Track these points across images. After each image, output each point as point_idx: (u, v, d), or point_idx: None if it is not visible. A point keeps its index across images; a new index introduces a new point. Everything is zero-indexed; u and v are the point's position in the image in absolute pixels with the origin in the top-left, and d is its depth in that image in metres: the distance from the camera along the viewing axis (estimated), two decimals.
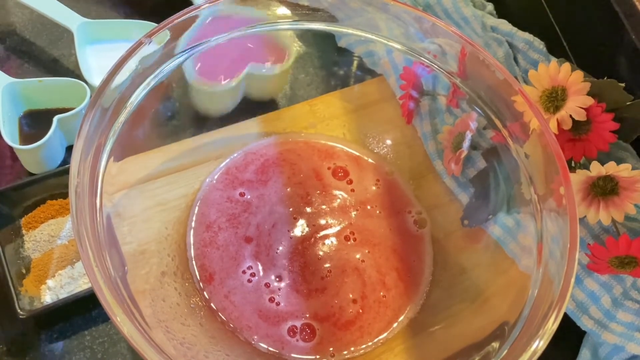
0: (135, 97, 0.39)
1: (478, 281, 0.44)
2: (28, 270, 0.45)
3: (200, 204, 0.47)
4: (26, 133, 0.51)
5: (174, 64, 0.41)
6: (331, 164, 0.50)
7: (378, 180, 0.50)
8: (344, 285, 0.45)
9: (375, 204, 0.49)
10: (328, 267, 0.45)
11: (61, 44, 0.58)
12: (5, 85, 0.49)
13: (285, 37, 0.50)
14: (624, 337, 0.43)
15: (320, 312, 0.44)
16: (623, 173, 0.42)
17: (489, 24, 0.56)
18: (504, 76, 0.40)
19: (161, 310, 0.39)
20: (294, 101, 0.55)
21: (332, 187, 0.49)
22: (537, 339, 0.32)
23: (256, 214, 0.47)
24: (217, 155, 0.49)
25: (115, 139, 0.37)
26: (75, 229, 0.32)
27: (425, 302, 0.45)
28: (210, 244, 0.45)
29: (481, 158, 0.47)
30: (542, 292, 0.34)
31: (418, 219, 0.49)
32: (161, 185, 0.46)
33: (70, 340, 0.44)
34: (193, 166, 0.48)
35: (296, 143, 0.51)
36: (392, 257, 0.47)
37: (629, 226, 0.46)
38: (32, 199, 0.47)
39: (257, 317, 0.43)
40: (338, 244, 0.47)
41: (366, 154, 0.51)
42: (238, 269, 0.45)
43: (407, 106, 0.51)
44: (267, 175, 0.49)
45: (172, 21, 0.39)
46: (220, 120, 0.51)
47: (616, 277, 0.45)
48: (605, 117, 0.43)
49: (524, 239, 0.40)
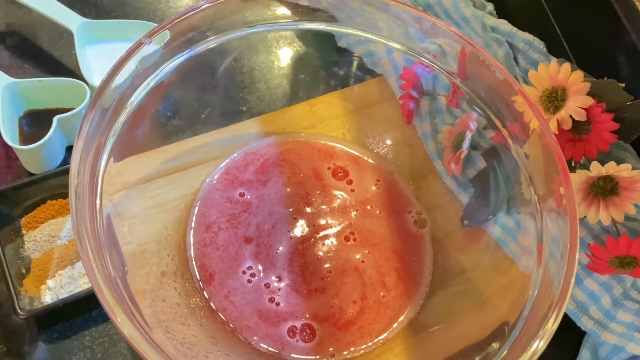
0: (135, 97, 0.39)
1: (478, 281, 0.44)
2: (28, 270, 0.45)
3: (200, 204, 0.47)
4: (26, 133, 0.51)
5: (174, 64, 0.41)
6: (331, 164, 0.50)
7: (378, 181, 0.50)
8: (344, 285, 0.45)
9: (375, 204, 0.49)
10: (328, 268, 0.45)
11: (61, 44, 0.58)
12: (5, 85, 0.49)
13: None
14: (624, 337, 0.43)
15: (320, 312, 0.44)
16: (623, 173, 0.42)
17: (489, 24, 0.56)
18: (504, 76, 0.40)
19: (161, 311, 0.39)
20: (294, 101, 0.55)
21: (332, 187, 0.49)
22: (537, 339, 0.32)
23: (256, 214, 0.47)
24: (217, 155, 0.49)
25: (115, 139, 0.37)
26: (75, 229, 0.32)
27: (425, 302, 0.45)
28: (210, 244, 0.45)
29: (481, 158, 0.47)
30: (542, 292, 0.34)
31: (418, 219, 0.49)
32: (161, 185, 0.46)
33: (70, 340, 0.44)
34: (193, 166, 0.48)
35: (296, 143, 0.51)
36: (392, 258, 0.47)
37: (629, 226, 0.46)
38: (32, 199, 0.47)
39: (257, 317, 0.43)
40: (338, 244, 0.47)
41: (366, 154, 0.51)
42: (238, 269, 0.45)
43: (407, 106, 0.51)
44: (267, 176, 0.49)
45: (172, 21, 0.39)
46: (221, 120, 0.51)
47: (616, 277, 0.45)
48: (605, 117, 0.43)
49: (524, 239, 0.40)
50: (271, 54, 0.59)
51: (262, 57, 0.59)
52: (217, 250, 0.45)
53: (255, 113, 0.54)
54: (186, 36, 0.41)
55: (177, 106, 0.49)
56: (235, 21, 0.42)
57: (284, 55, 0.59)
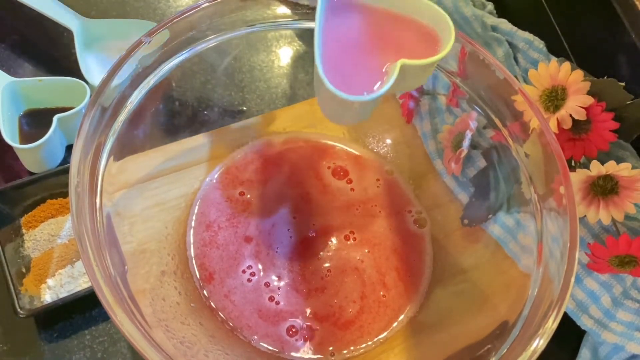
0: (135, 97, 0.39)
1: (478, 281, 0.44)
2: (28, 269, 0.45)
3: (200, 204, 0.47)
4: (26, 132, 0.51)
5: (174, 63, 0.41)
6: (331, 163, 0.50)
7: (378, 180, 0.50)
8: (343, 284, 0.45)
9: (375, 203, 0.49)
10: (328, 267, 0.45)
11: (61, 43, 0.58)
12: (5, 85, 0.49)
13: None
14: (623, 336, 0.43)
15: (320, 311, 0.44)
16: (623, 172, 0.42)
17: (489, 23, 0.56)
18: (504, 75, 0.40)
19: (161, 310, 0.39)
20: (294, 101, 0.55)
21: (331, 187, 0.49)
22: (537, 338, 0.32)
23: (256, 214, 0.47)
24: (217, 155, 0.49)
25: (115, 138, 0.37)
26: (75, 228, 0.32)
27: (425, 302, 0.45)
28: (210, 244, 0.45)
29: (481, 157, 0.47)
30: (542, 291, 0.34)
31: (418, 218, 0.49)
32: (161, 184, 0.46)
33: (70, 340, 0.44)
34: (193, 166, 0.48)
35: (296, 142, 0.51)
36: (392, 257, 0.47)
37: (629, 225, 0.46)
38: (32, 198, 0.47)
39: (256, 316, 0.43)
40: (338, 244, 0.47)
41: (366, 153, 0.51)
42: (238, 268, 0.45)
43: (407, 106, 0.51)
44: (266, 175, 0.49)
45: (172, 20, 0.39)
46: (221, 119, 0.51)
47: (616, 276, 0.45)
48: (605, 117, 0.43)
49: (524, 238, 0.40)
50: (271, 53, 0.59)
51: (262, 56, 0.59)
52: (217, 249, 0.45)
53: (255, 112, 0.54)
54: (186, 35, 0.41)
55: (177, 105, 0.49)
56: (235, 20, 0.42)
57: (284, 54, 0.59)
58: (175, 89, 0.47)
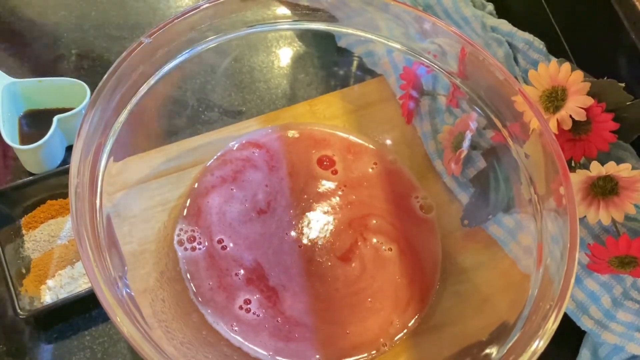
0: (135, 98, 0.39)
1: (478, 281, 0.44)
2: (28, 270, 0.45)
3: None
4: (26, 133, 0.51)
5: (174, 64, 0.41)
6: (328, 154, 0.50)
7: (375, 164, 0.50)
8: (347, 282, 0.45)
9: (377, 200, 0.49)
10: (329, 267, 0.45)
11: (61, 44, 0.58)
12: (5, 85, 0.49)
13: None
14: (624, 337, 0.43)
15: (326, 320, 0.43)
16: (623, 173, 0.42)
17: (489, 24, 0.56)
18: (504, 76, 0.40)
19: (161, 310, 0.39)
20: (294, 101, 0.55)
21: (331, 186, 0.49)
22: (537, 338, 0.32)
23: (255, 217, 0.47)
24: (217, 156, 0.49)
25: (115, 138, 0.37)
26: (75, 229, 0.32)
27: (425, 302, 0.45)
28: None
29: (481, 158, 0.47)
30: (542, 292, 0.34)
31: (424, 204, 0.48)
32: (161, 185, 0.46)
33: (70, 340, 0.44)
34: (193, 166, 0.48)
35: (296, 141, 0.51)
36: (393, 256, 0.47)
37: (629, 226, 0.46)
38: (32, 199, 0.47)
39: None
40: (339, 242, 0.46)
41: (367, 141, 0.51)
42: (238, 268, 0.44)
43: (407, 106, 0.51)
44: (267, 174, 0.49)
45: (172, 21, 0.39)
46: (221, 120, 0.51)
47: (616, 277, 0.45)
48: (605, 117, 0.43)
49: (524, 239, 0.40)
50: (271, 54, 0.59)
51: (262, 57, 0.59)
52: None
53: (255, 113, 0.54)
54: (186, 36, 0.41)
55: (177, 106, 0.49)
56: (235, 21, 0.42)
57: (284, 55, 0.59)
58: (175, 90, 0.47)
